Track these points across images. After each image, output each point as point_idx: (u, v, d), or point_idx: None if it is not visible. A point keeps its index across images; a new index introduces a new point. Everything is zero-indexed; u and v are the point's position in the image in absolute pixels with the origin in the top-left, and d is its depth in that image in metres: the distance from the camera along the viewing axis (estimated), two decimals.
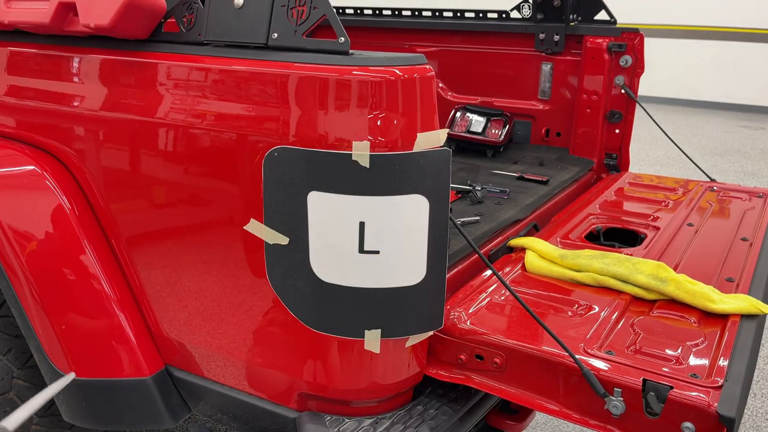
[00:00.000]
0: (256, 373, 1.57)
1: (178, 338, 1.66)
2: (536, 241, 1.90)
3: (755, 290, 1.68)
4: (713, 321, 1.53)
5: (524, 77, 2.93)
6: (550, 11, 2.81)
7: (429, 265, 1.36)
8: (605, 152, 2.78)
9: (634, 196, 2.44)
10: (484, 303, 1.61)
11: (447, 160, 1.32)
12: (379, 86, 1.26)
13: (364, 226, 1.30)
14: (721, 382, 1.26)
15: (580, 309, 1.59)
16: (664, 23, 9.78)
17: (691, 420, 1.22)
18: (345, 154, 1.26)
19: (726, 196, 2.48)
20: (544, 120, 2.92)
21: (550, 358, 1.37)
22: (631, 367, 1.32)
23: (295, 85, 1.31)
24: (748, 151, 7.34)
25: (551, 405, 1.39)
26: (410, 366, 1.47)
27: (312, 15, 1.31)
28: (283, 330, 1.45)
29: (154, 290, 1.65)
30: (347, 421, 1.48)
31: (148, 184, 1.57)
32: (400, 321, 1.39)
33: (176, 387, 1.75)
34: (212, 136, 1.42)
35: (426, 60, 1.33)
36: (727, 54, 9.64)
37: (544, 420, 2.79)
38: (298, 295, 1.39)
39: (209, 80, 1.43)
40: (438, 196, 1.32)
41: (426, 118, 1.31)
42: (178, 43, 1.49)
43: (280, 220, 1.35)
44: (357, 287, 1.34)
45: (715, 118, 9.22)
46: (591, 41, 2.68)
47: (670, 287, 1.59)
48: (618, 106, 2.70)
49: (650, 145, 7.01)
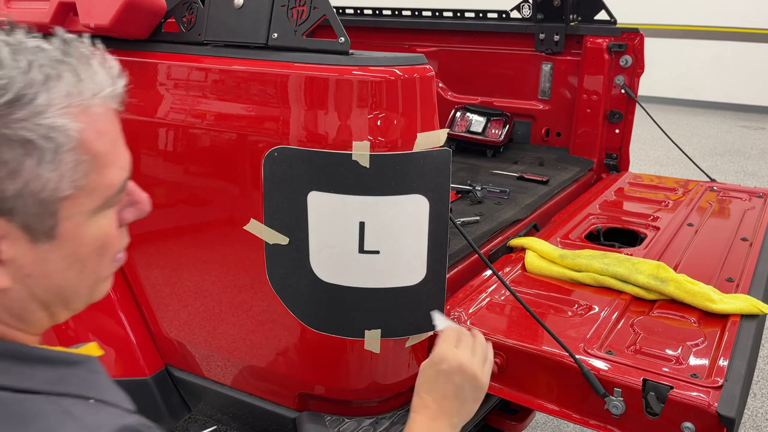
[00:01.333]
0: (256, 373, 1.57)
1: (178, 338, 1.66)
2: (536, 241, 1.90)
3: (755, 290, 1.68)
4: (713, 321, 1.53)
5: (524, 77, 2.93)
6: (550, 11, 2.81)
7: (429, 265, 1.36)
8: (605, 152, 2.78)
9: (634, 196, 2.44)
10: (484, 303, 1.61)
11: (447, 160, 1.32)
12: (379, 86, 1.26)
13: (364, 226, 1.30)
14: (721, 382, 1.26)
15: (580, 309, 1.59)
16: (664, 23, 9.77)
17: (691, 420, 1.22)
18: (345, 154, 1.26)
19: (726, 196, 2.48)
20: (544, 120, 2.92)
21: (550, 358, 1.37)
22: (631, 367, 1.32)
23: (295, 85, 1.31)
24: (748, 151, 7.34)
25: (551, 405, 1.39)
26: (410, 366, 1.47)
27: (312, 15, 1.31)
28: (282, 330, 1.45)
29: (154, 290, 1.65)
30: (347, 421, 1.48)
31: (148, 184, 1.57)
32: (400, 321, 1.39)
33: (176, 387, 1.75)
34: (212, 136, 1.42)
35: (426, 60, 1.33)
36: (727, 54, 9.64)
37: (544, 420, 2.79)
38: (298, 295, 1.39)
39: (209, 80, 1.43)
40: (438, 196, 1.32)
41: (426, 118, 1.31)
42: (178, 43, 1.49)
43: (280, 220, 1.35)
44: (357, 287, 1.34)
45: (715, 118, 9.22)
46: (591, 41, 2.68)
47: (670, 287, 1.59)
48: (618, 106, 2.70)
49: (650, 145, 7.01)
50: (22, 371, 0.71)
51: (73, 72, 0.71)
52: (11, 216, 0.69)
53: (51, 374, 0.73)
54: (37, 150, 0.67)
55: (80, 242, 0.75)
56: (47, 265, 0.73)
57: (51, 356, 0.75)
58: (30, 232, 0.70)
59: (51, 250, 0.72)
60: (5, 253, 0.70)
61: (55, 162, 0.69)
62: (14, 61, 0.67)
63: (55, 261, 0.73)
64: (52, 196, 0.70)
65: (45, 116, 0.67)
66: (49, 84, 0.68)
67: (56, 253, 0.73)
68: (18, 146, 0.66)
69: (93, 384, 0.76)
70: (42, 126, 0.67)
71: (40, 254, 0.72)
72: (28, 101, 0.66)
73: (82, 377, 0.75)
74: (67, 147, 0.70)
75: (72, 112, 0.70)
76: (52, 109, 0.68)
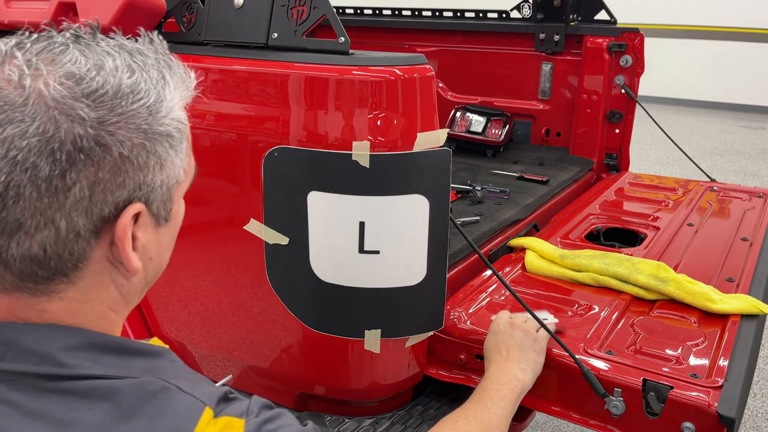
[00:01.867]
0: (256, 373, 1.57)
1: (178, 338, 1.66)
2: (536, 241, 1.90)
3: (755, 290, 1.68)
4: (713, 321, 1.53)
5: (524, 77, 2.93)
6: (550, 11, 2.81)
7: (429, 265, 1.36)
8: (605, 152, 2.78)
9: (634, 196, 2.44)
10: (484, 303, 1.61)
11: (447, 160, 1.32)
12: (379, 86, 1.26)
13: (364, 226, 1.29)
14: (721, 382, 1.26)
15: (580, 309, 1.58)
16: (664, 23, 9.77)
17: (691, 420, 1.22)
18: (345, 154, 1.26)
19: (726, 196, 2.48)
20: (544, 120, 2.92)
21: (550, 357, 1.37)
22: (631, 367, 1.32)
23: (295, 85, 1.31)
24: (748, 151, 7.34)
25: (551, 405, 1.39)
26: (410, 366, 1.47)
27: (312, 15, 1.31)
28: (282, 330, 1.45)
29: (154, 290, 1.64)
30: (347, 421, 1.48)
31: None
32: (400, 321, 1.39)
33: None
34: (212, 136, 1.42)
35: (426, 60, 1.33)
36: (727, 54, 9.63)
37: (544, 420, 2.78)
38: (298, 295, 1.39)
39: (209, 80, 1.43)
40: (438, 196, 1.32)
41: (426, 118, 1.31)
42: (178, 43, 1.49)
43: (280, 220, 1.35)
44: (357, 287, 1.34)
45: (715, 118, 9.22)
46: (591, 41, 2.68)
47: (670, 287, 1.59)
48: (618, 106, 2.70)
49: (650, 145, 7.01)
50: (122, 362, 0.75)
51: (168, 69, 0.79)
52: (150, 205, 0.76)
53: (146, 363, 0.77)
54: (175, 141, 0.76)
55: (177, 222, 0.84)
56: (162, 246, 0.81)
57: (140, 348, 0.79)
58: (156, 219, 0.78)
59: (164, 232, 0.81)
60: (140, 240, 0.76)
61: (181, 150, 0.78)
62: (136, 64, 0.74)
63: (165, 242, 0.82)
64: (176, 182, 0.79)
65: (175, 110, 0.77)
66: (165, 81, 0.76)
67: (167, 235, 0.82)
68: (165, 140, 0.75)
69: (178, 371, 0.80)
70: (175, 120, 0.76)
71: (159, 237, 0.80)
72: (162, 99, 0.75)
73: (167, 366, 0.79)
74: (186, 135, 0.80)
75: (183, 105, 0.79)
76: (175, 103, 0.77)
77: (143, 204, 0.74)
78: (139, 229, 0.75)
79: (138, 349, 0.78)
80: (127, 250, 0.74)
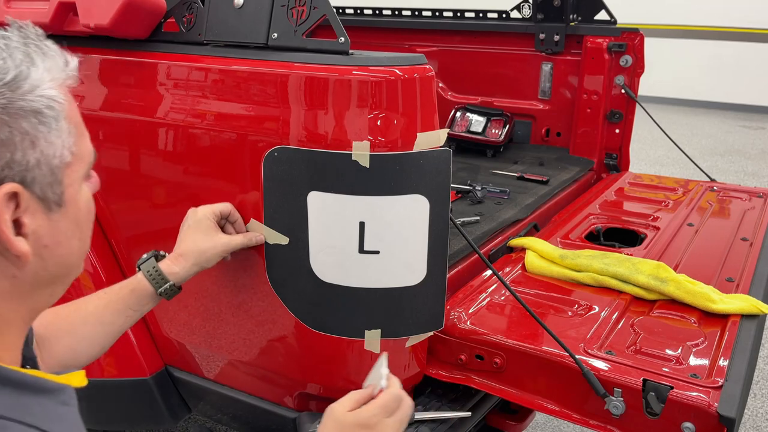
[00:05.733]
0: (256, 373, 1.57)
1: (178, 338, 1.66)
2: (536, 241, 1.90)
3: (755, 290, 1.68)
4: (713, 321, 1.53)
5: (524, 77, 2.93)
6: (550, 11, 2.81)
7: (429, 265, 1.36)
8: (605, 152, 2.78)
9: (634, 196, 2.44)
10: (484, 303, 1.61)
11: (447, 160, 1.32)
12: (379, 86, 1.26)
13: (364, 226, 1.29)
14: (721, 382, 1.26)
15: (580, 309, 1.58)
16: (664, 23, 9.77)
17: (691, 420, 1.22)
18: (345, 154, 1.26)
19: (726, 196, 2.48)
20: (544, 120, 2.92)
21: (550, 358, 1.37)
22: (631, 367, 1.32)
23: (295, 85, 1.31)
24: (748, 151, 7.34)
25: (551, 405, 1.39)
26: (410, 366, 1.47)
27: (312, 15, 1.31)
28: (282, 330, 1.45)
29: None
30: None
31: (148, 184, 1.57)
32: (400, 321, 1.39)
33: (176, 387, 1.75)
34: (212, 136, 1.42)
35: (426, 60, 1.33)
36: (726, 54, 9.63)
37: (544, 420, 2.79)
38: (297, 295, 1.39)
39: (209, 80, 1.43)
40: (438, 196, 1.32)
41: (426, 118, 1.31)
42: (178, 43, 1.49)
43: (280, 220, 1.35)
44: (357, 287, 1.34)
45: (715, 118, 9.22)
46: (591, 41, 2.68)
47: (670, 287, 1.59)
48: (618, 106, 2.70)
49: (650, 145, 7.01)
50: None
51: (40, 52, 0.77)
52: (32, 187, 0.74)
53: (14, 399, 0.72)
54: (46, 118, 0.74)
55: (78, 207, 0.82)
56: (59, 233, 0.79)
57: (20, 379, 0.74)
58: (44, 203, 0.76)
59: (60, 218, 0.79)
60: (28, 225, 0.75)
61: (58, 129, 0.76)
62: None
63: (64, 229, 0.80)
64: (60, 163, 0.77)
65: (42, 88, 0.75)
66: (32, 61, 0.75)
67: (64, 221, 0.79)
68: (32, 116, 0.73)
69: (57, 417, 0.75)
70: (44, 97, 0.74)
71: (53, 223, 0.78)
72: (26, 77, 0.73)
73: (47, 407, 0.74)
74: (63, 115, 0.77)
75: (55, 85, 0.77)
76: (44, 82, 0.75)
77: (19, 184, 0.72)
78: (24, 214, 0.74)
79: (14, 380, 0.73)
80: (6, 232, 0.72)
